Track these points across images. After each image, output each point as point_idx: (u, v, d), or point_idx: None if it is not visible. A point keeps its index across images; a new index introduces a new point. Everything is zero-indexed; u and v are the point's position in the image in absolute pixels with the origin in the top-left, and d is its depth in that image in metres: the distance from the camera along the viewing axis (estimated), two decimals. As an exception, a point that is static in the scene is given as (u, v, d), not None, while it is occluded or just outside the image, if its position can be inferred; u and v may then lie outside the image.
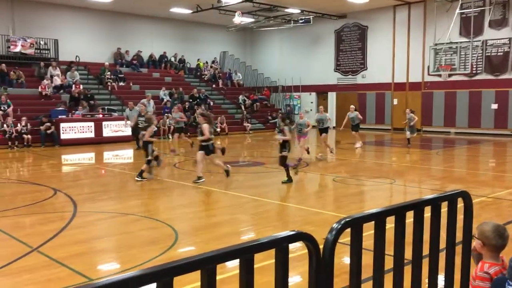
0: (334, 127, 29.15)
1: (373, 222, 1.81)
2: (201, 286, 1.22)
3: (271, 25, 29.18)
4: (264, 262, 2.55)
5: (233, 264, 4.77)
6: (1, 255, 5.75)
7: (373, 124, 27.01)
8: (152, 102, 21.34)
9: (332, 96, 29.35)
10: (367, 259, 1.84)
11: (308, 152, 14.99)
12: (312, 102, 30.26)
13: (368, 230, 1.83)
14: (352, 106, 17.86)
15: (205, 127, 10.03)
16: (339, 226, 1.53)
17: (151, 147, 10.94)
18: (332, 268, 1.51)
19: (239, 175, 11.86)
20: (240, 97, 28.32)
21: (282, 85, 31.07)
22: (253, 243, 1.29)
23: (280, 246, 1.34)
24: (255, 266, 1.36)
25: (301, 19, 27.43)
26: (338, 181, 10.95)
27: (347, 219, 1.59)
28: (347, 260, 4.92)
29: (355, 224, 1.63)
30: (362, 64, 27.88)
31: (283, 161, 10.37)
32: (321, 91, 29.90)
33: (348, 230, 1.68)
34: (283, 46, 31.48)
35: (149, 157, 10.90)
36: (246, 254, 1.26)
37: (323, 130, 15.83)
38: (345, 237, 1.69)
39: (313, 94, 30.29)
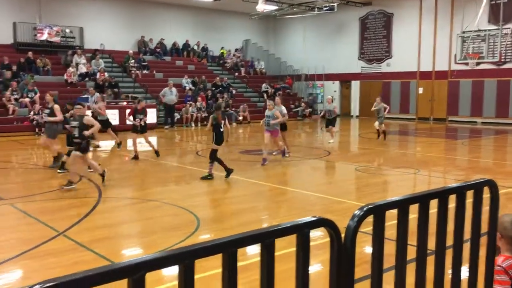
0: (357, 116, 28.91)
1: (395, 213, 1.79)
2: (223, 270, 1.23)
3: (295, 12, 28.92)
4: (285, 250, 2.55)
5: (251, 252, 4.81)
6: (29, 239, 5.91)
7: (397, 113, 26.63)
8: (174, 90, 21.46)
9: (355, 85, 29.03)
10: (388, 249, 1.82)
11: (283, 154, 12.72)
12: (335, 91, 30.00)
13: (390, 220, 1.81)
14: (329, 97, 16.34)
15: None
16: (361, 213, 1.52)
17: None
18: (354, 255, 1.50)
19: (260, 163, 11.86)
20: (263, 85, 28.25)
21: (305, 73, 30.85)
22: (274, 228, 1.29)
23: (302, 231, 1.33)
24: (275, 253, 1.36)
25: (325, 7, 27.09)
26: (360, 170, 10.86)
27: (370, 206, 1.57)
28: (368, 249, 4.90)
29: (377, 211, 1.61)
30: (387, 52, 27.45)
31: (211, 154, 9.59)
32: (345, 80, 29.60)
33: (370, 219, 1.66)
34: (307, 34, 31.20)
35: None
36: (267, 238, 1.26)
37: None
38: (366, 227, 1.67)
39: (337, 82, 30.00)
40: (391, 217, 1.83)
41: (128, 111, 13.71)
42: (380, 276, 1.70)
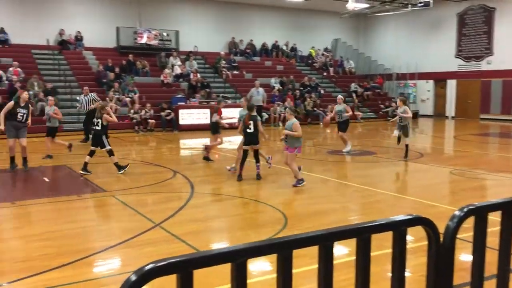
0: (453, 116, 27.39)
1: (497, 218, 1.69)
2: (319, 262, 1.26)
3: (387, 10, 28.05)
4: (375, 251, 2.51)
5: (340, 253, 4.76)
6: (129, 228, 6.35)
7: (498, 114, 24.85)
8: (261, 89, 21.70)
9: (451, 84, 27.52)
10: (488, 257, 1.73)
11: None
12: (429, 91, 28.69)
13: (490, 227, 1.72)
14: (339, 97, 13.87)
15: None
16: (461, 214, 1.46)
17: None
18: (453, 256, 1.45)
19: (349, 164, 11.70)
20: (352, 85, 27.75)
21: (397, 72, 29.81)
22: (370, 224, 1.29)
23: (398, 229, 1.32)
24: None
25: (420, 3, 25.94)
26: (456, 174, 10.29)
27: (471, 207, 1.51)
28: (464, 257, 4.65)
29: (479, 213, 1.54)
30: (487, 50, 25.70)
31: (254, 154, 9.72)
32: (439, 79, 28.17)
33: (467, 225, 1.59)
34: (399, 31, 30.12)
35: (109, 147, 10.25)
36: (363, 234, 1.27)
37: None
38: (464, 233, 1.60)
39: (430, 82, 28.65)
40: (492, 223, 1.73)
41: (218, 111, 13.09)
42: (481, 283, 1.62)
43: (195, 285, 1.11)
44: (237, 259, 1.10)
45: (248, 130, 9.41)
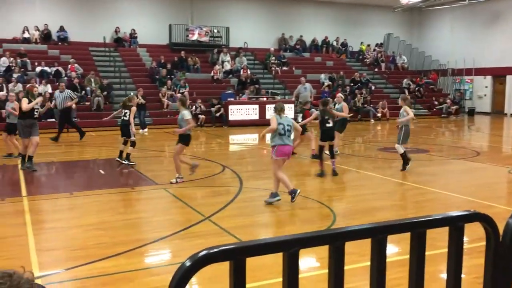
0: (512, 114, 26.14)
1: None
2: (371, 256, 1.24)
3: (442, 3, 27.09)
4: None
5: (391, 251, 4.66)
6: (180, 221, 6.51)
7: None
8: (308, 85, 21.35)
9: (511, 80, 26.23)
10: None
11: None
12: (486, 87, 27.48)
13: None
14: (339, 95, 12.30)
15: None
16: (523, 211, 1.40)
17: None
18: (513, 254, 1.39)
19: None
20: (404, 81, 27.01)
21: (452, 68, 28.74)
22: (426, 218, 1.27)
23: (455, 224, 1.28)
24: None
25: (478, -5, 24.91)
26: (515, 174, 9.83)
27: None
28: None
29: (543, 211, 1.47)
30: (551, 43, 24.30)
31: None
32: (498, 75, 26.91)
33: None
34: (455, 25, 29.00)
35: (133, 138, 10.70)
36: (418, 228, 1.24)
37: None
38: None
39: (488, 77, 27.41)
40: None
41: (305, 112, 11.69)
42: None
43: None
44: (290, 248, 1.11)
45: (328, 125, 9.39)
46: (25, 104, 9.70)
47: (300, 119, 11.64)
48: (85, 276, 4.61)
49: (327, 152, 9.75)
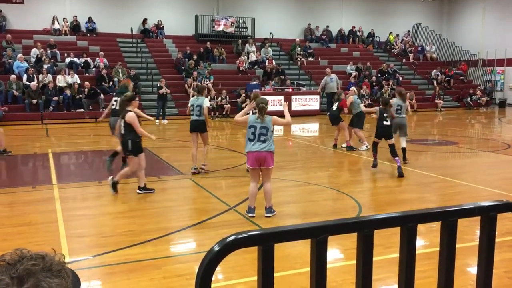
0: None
1: None
2: (400, 244, 1.23)
3: (474, -8, 26.34)
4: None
5: (418, 244, 4.59)
6: (205, 210, 6.57)
7: None
8: (334, 76, 21.09)
9: (545, 71, 25.43)
10: None
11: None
12: (519, 78, 26.72)
13: None
14: (352, 88, 12.17)
15: None
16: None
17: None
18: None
19: (429, 154, 11.23)
20: (433, 72, 26.47)
21: (483, 58, 28.00)
22: (457, 208, 1.25)
23: (487, 214, 1.26)
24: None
25: (511, -17, 24.14)
26: (548, 167, 9.55)
27: None
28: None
29: None
30: None
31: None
32: (532, 65, 26.11)
33: None
34: (486, 15, 28.20)
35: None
36: (448, 217, 1.22)
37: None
38: None
39: (521, 68, 26.63)
40: None
41: (342, 101, 11.25)
42: None
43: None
44: (318, 235, 1.11)
45: (385, 123, 8.97)
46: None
47: (335, 107, 11.57)
48: (113, 263, 4.71)
49: (391, 150, 8.99)
